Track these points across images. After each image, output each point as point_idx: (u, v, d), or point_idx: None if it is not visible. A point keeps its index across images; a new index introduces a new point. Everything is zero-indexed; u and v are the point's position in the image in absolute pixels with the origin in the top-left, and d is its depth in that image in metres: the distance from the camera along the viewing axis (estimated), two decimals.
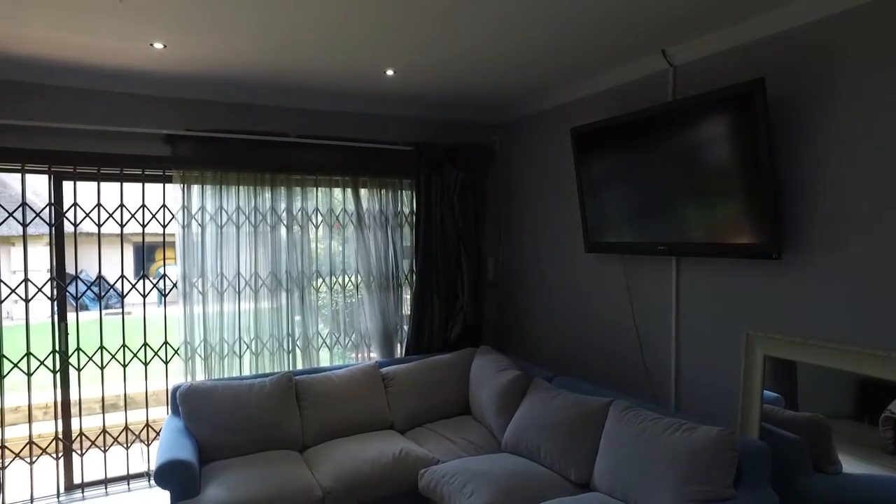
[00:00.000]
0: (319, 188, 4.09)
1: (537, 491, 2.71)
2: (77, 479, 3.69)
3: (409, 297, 4.39)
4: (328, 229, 4.13)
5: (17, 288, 3.45)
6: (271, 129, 3.89)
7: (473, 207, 4.48)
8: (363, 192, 4.19)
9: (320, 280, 4.12)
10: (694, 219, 2.94)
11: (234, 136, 3.75)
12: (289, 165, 3.91)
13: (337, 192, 4.16)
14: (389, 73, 3.51)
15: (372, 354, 4.29)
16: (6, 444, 3.37)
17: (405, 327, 4.38)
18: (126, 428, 3.79)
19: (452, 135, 4.46)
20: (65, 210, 3.57)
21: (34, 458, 3.53)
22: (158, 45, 2.98)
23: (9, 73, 3.32)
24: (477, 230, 4.52)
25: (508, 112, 4.50)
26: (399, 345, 4.36)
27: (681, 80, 3.14)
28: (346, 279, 4.23)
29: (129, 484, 3.76)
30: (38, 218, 3.56)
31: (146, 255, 3.87)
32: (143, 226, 3.72)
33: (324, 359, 4.13)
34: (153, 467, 2.88)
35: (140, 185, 3.70)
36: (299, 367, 3.97)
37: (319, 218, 4.09)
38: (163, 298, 3.81)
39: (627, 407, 2.83)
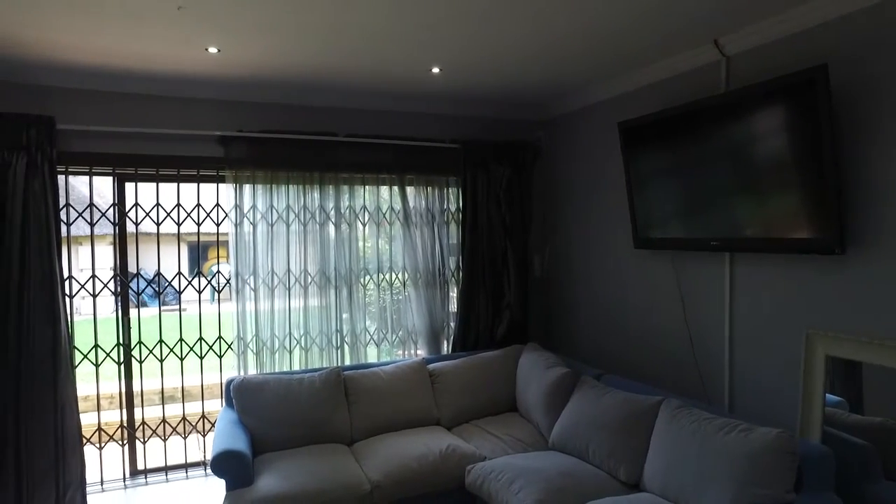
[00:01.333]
0: (367, 186, 4.15)
1: (586, 490, 2.67)
2: (140, 466, 3.88)
3: (455, 294, 4.41)
4: (375, 227, 4.18)
5: (85, 284, 3.63)
6: (320, 128, 3.97)
7: (519, 204, 4.46)
8: (410, 189, 4.23)
9: (368, 277, 4.18)
10: (748, 213, 2.83)
11: (283, 137, 3.85)
12: (337, 164, 3.99)
13: (384, 189, 4.21)
14: (435, 70, 3.52)
15: (419, 351, 4.32)
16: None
17: (452, 324, 4.40)
18: (184, 418, 3.95)
19: (497, 132, 4.44)
20: (127, 210, 3.74)
21: (103, 444, 3.74)
22: (213, 50, 3.09)
23: (77, 83, 3.51)
24: (523, 227, 4.49)
25: (553, 108, 4.45)
26: (446, 342, 4.38)
27: (734, 71, 3.04)
28: (394, 276, 4.27)
29: (187, 472, 3.91)
30: (102, 218, 3.73)
31: (191, 258, 4.01)
32: (199, 224, 3.86)
33: (371, 355, 4.19)
34: (209, 457, 2.98)
35: (195, 185, 3.84)
36: (347, 362, 4.05)
37: (367, 216, 4.15)
38: (217, 295, 3.95)
39: (679, 406, 2.76)
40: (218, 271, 3.92)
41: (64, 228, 3.53)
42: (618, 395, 3.06)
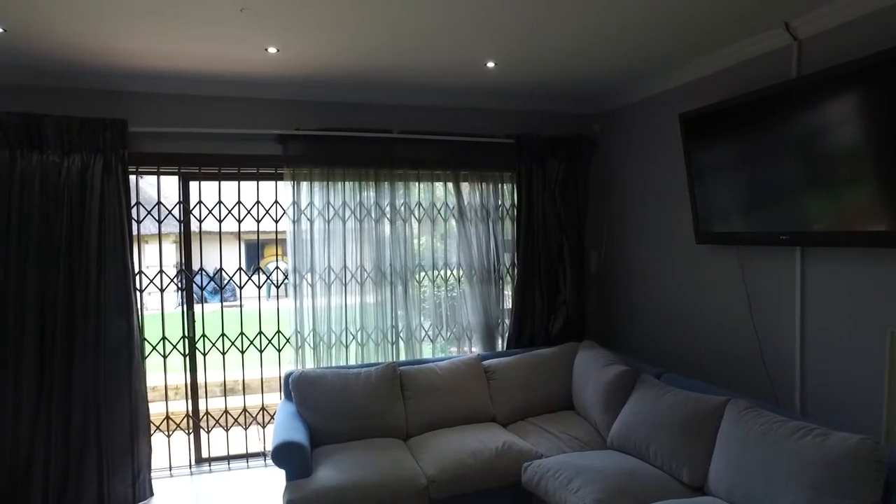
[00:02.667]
0: (421, 183, 4.17)
1: (648, 491, 2.60)
2: (205, 454, 4.02)
3: (510, 290, 4.37)
4: (430, 223, 4.19)
5: (153, 279, 3.79)
6: (375, 125, 4.02)
7: (575, 199, 4.38)
8: (464, 185, 4.22)
9: (423, 273, 4.20)
10: (821, 206, 2.68)
11: (339, 134, 3.90)
12: (392, 161, 4.02)
13: (438, 186, 4.22)
14: (490, 65, 3.50)
15: (473, 348, 4.31)
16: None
17: (506, 321, 4.36)
18: (244, 410, 4.07)
19: (552, 126, 4.38)
20: (191, 207, 3.88)
21: (170, 432, 3.90)
22: (272, 50, 3.16)
23: (146, 87, 3.68)
24: (579, 222, 4.41)
25: (610, 101, 4.34)
26: (500, 338, 4.35)
27: (806, 56, 2.88)
28: (448, 273, 4.27)
29: (247, 461, 4.03)
30: (165, 218, 3.87)
31: (252, 252, 4.12)
32: (258, 221, 3.96)
33: (426, 351, 4.21)
34: (270, 447, 3.05)
35: (255, 183, 3.95)
36: (402, 358, 4.08)
37: (422, 212, 4.16)
38: (276, 290, 4.05)
39: (746, 407, 2.64)
40: (276, 267, 4.02)
41: (134, 226, 3.70)
42: (680, 395, 2.96)
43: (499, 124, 4.30)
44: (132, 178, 3.73)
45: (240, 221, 3.92)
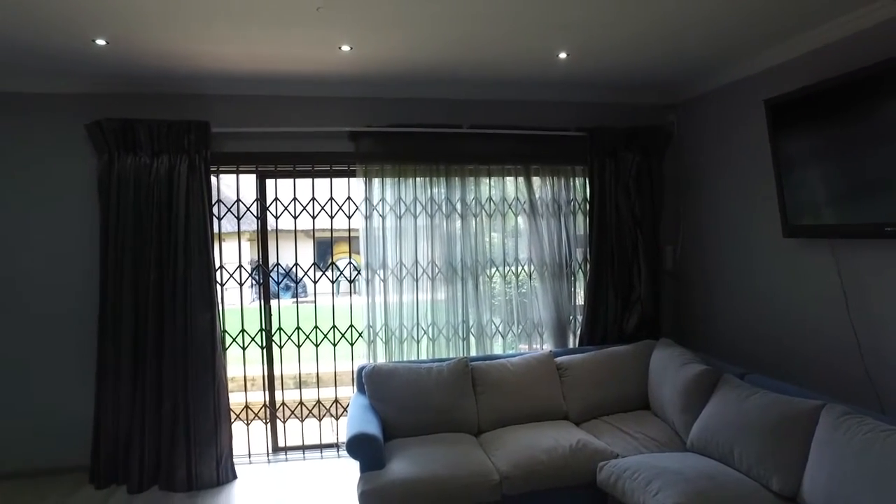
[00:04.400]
0: (492, 177, 4.14)
1: (732, 497, 2.48)
2: (281, 443, 4.16)
3: (582, 286, 4.27)
4: (501, 218, 4.15)
5: (233, 274, 3.96)
6: (445, 121, 4.03)
7: (650, 193, 4.23)
8: (535, 180, 4.16)
9: (493, 269, 4.17)
10: None
11: (410, 130, 3.94)
12: (462, 156, 4.02)
13: (509, 180, 4.17)
14: (562, 56, 3.42)
15: (544, 345, 4.24)
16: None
17: (579, 318, 4.27)
18: (318, 402, 4.18)
19: (626, 118, 4.24)
20: (267, 205, 4.02)
21: (249, 421, 4.05)
22: (346, 48, 3.22)
23: (226, 89, 3.85)
24: (654, 216, 4.26)
25: (686, 90, 4.16)
26: (572, 335, 4.26)
27: None
28: (519, 268, 4.22)
29: (321, 451, 4.14)
30: (236, 216, 4.01)
31: (326, 248, 4.22)
32: (332, 217, 4.05)
33: (496, 347, 4.18)
34: (344, 439, 3.11)
35: (328, 180, 4.04)
36: (473, 353, 4.06)
37: (492, 207, 4.13)
38: (349, 286, 4.12)
39: (845, 413, 2.46)
40: (350, 263, 4.10)
41: (215, 223, 3.87)
42: (767, 397, 2.80)
43: (571, 117, 4.21)
44: (213, 177, 3.90)
45: (314, 218, 4.02)
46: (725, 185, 3.88)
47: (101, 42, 3.04)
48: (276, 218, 4.02)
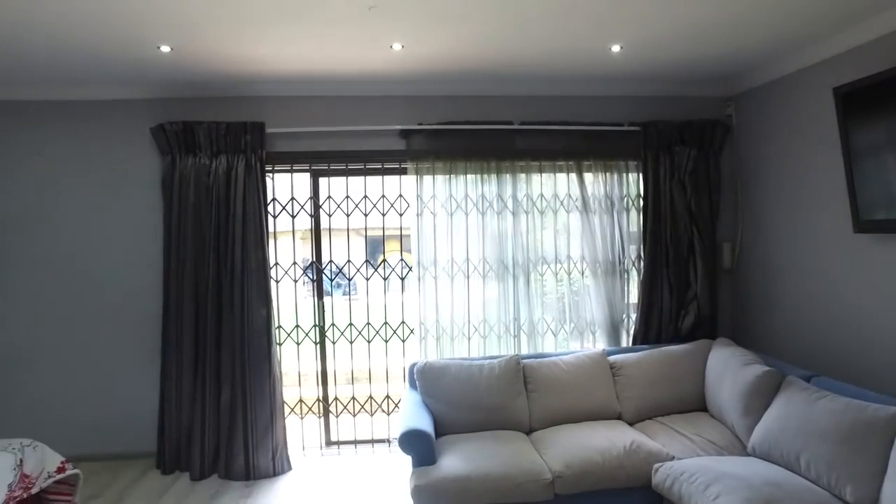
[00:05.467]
0: (543, 174, 4.10)
1: None
2: (334, 437, 4.25)
3: (636, 284, 4.18)
4: (553, 215, 4.11)
5: (288, 270, 4.06)
6: (495, 117, 4.01)
7: (707, 188, 4.11)
8: (587, 176, 4.10)
9: (545, 266, 4.12)
10: None
11: (461, 127, 3.94)
12: (513, 152, 4.00)
13: (561, 176, 4.11)
14: (615, 49, 3.36)
15: (597, 343, 4.17)
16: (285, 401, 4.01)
17: (632, 316, 4.18)
18: (370, 398, 4.24)
19: (681, 111, 4.13)
20: (321, 203, 4.10)
21: (303, 415, 4.16)
22: (397, 46, 3.24)
23: (281, 90, 3.94)
24: (711, 212, 4.13)
25: (745, 81, 4.00)
26: (625, 334, 4.18)
27: None
28: (571, 265, 4.16)
29: (373, 446, 4.20)
30: (291, 214, 4.09)
31: (377, 246, 4.27)
32: (384, 215, 4.10)
33: (548, 345, 4.13)
34: (396, 434, 3.15)
35: (380, 178, 4.09)
36: (524, 351, 4.04)
37: (544, 204, 4.09)
38: (400, 283, 4.16)
39: None
40: (401, 260, 4.14)
41: (270, 221, 3.98)
42: (838, 401, 2.67)
43: (624, 112, 4.13)
44: (268, 176, 4.01)
45: (366, 215, 4.07)
46: (788, 179, 3.72)
47: (165, 49, 3.17)
48: (330, 216, 4.09)
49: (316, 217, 4.13)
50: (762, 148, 3.95)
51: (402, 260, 4.14)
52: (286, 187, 4.07)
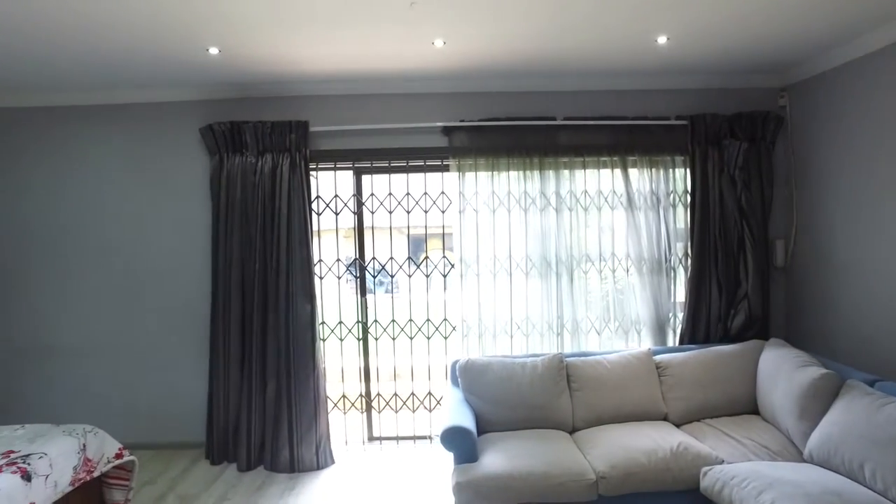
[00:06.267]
0: (587, 169, 4.03)
1: None
2: (376, 433, 4.29)
3: (683, 282, 4.07)
4: (597, 211, 4.03)
5: (331, 267, 4.11)
6: (538, 113, 3.98)
7: (759, 183, 3.96)
8: (632, 171, 4.01)
9: (589, 264, 4.05)
10: None
11: (503, 123, 3.92)
12: (556, 148, 3.95)
13: (605, 172, 4.03)
14: (661, 40, 3.27)
15: (642, 342, 4.07)
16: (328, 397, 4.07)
17: (679, 315, 4.08)
18: (412, 394, 4.26)
19: (730, 103, 4.00)
20: (364, 200, 4.14)
21: (346, 411, 4.21)
22: (439, 43, 3.24)
23: (324, 90, 4.01)
24: (763, 209, 3.98)
25: (800, 69, 3.83)
26: (672, 333, 4.08)
27: None
28: (616, 263, 4.08)
29: (414, 443, 4.22)
30: (333, 215, 4.14)
31: (419, 243, 4.29)
32: (426, 211, 4.11)
33: (592, 344, 4.06)
34: (438, 431, 3.15)
35: (422, 175, 4.10)
36: (567, 349, 3.98)
37: (587, 200, 4.02)
38: (443, 280, 4.16)
39: None
40: (444, 257, 4.14)
41: (314, 218, 4.04)
42: None
43: (669, 104, 4.03)
44: (312, 174, 4.07)
45: (408, 212, 4.09)
46: (850, 172, 3.54)
47: (214, 51, 3.25)
48: (373, 213, 4.13)
49: (359, 214, 4.17)
50: (821, 139, 3.77)
51: (444, 257, 4.14)
52: (330, 185, 4.13)
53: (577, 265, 4.00)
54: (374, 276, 4.23)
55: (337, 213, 4.11)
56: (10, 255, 4.16)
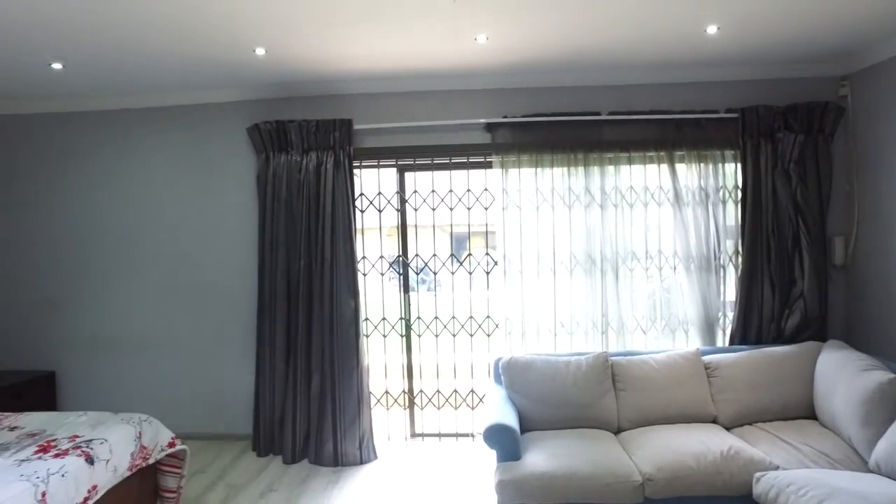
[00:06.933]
0: (633, 165, 3.94)
1: None
2: (418, 430, 4.31)
3: (733, 281, 3.93)
4: (643, 208, 3.94)
5: (375, 264, 4.15)
6: (582, 108, 3.91)
7: (816, 177, 3.80)
8: (680, 166, 3.90)
9: (635, 261, 3.96)
10: None
11: (546, 119, 3.87)
12: (601, 143, 3.88)
13: (651, 168, 3.93)
14: (711, 30, 3.16)
15: (689, 342, 3.96)
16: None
17: (729, 314, 3.95)
18: (455, 392, 4.26)
19: (785, 94, 3.84)
20: (407, 197, 4.16)
21: (389, 406, 4.25)
22: (481, 38, 3.22)
23: (364, 88, 4.05)
24: (820, 204, 3.81)
25: (865, 56, 3.64)
26: (721, 333, 3.95)
27: None
28: (663, 260, 3.97)
29: (457, 440, 4.22)
30: (378, 209, 4.17)
31: (462, 241, 4.28)
32: (469, 209, 4.10)
33: (637, 343, 3.98)
34: (481, 428, 3.13)
35: (465, 172, 4.09)
36: (612, 348, 3.91)
37: (633, 196, 3.94)
38: (486, 277, 4.15)
39: None
40: (487, 254, 4.12)
41: (358, 216, 4.08)
42: None
43: (719, 97, 3.90)
44: (356, 171, 4.11)
45: (451, 209, 4.09)
46: None
47: (260, 52, 3.33)
48: (416, 210, 4.14)
49: (402, 211, 4.20)
50: (885, 130, 3.57)
51: (487, 254, 4.12)
52: (373, 182, 4.17)
53: (622, 262, 3.92)
54: (418, 273, 4.25)
55: (380, 210, 4.15)
56: (82, 252, 4.38)
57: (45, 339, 4.42)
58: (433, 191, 4.10)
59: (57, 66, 3.49)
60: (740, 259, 3.88)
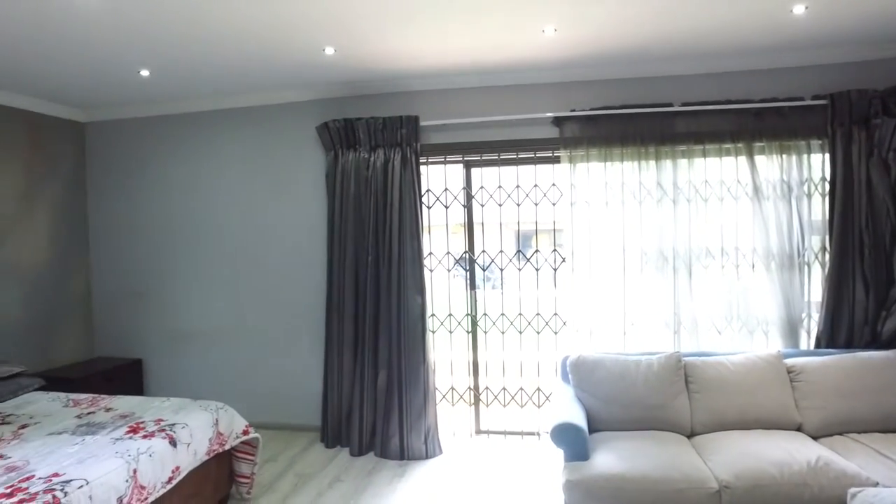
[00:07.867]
0: (708, 158, 3.76)
1: None
2: (483, 427, 4.30)
3: (819, 280, 3.68)
4: (719, 202, 3.76)
5: (441, 260, 4.17)
6: (653, 100, 3.78)
7: None
8: (759, 158, 3.68)
9: (709, 258, 3.79)
10: None
11: (615, 112, 3.76)
12: (673, 136, 3.73)
13: (728, 160, 3.74)
14: (797, 10, 2.97)
15: (770, 343, 3.74)
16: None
17: (814, 315, 3.70)
18: (521, 389, 4.21)
19: (881, 76, 3.56)
20: (473, 193, 4.15)
21: (454, 403, 4.26)
22: (549, 30, 3.17)
23: (431, 84, 4.08)
24: None
25: None
26: (805, 335, 3.71)
27: None
28: (740, 257, 3.78)
29: (522, 438, 4.18)
30: (444, 205, 4.18)
31: (528, 237, 4.23)
32: (536, 204, 4.05)
33: (712, 343, 3.80)
34: (546, 427, 3.08)
35: (533, 167, 4.04)
36: (684, 348, 3.75)
37: (708, 190, 3.76)
38: (553, 274, 4.08)
39: None
40: (554, 251, 4.05)
41: (425, 212, 4.11)
42: None
43: (804, 84, 3.66)
44: (422, 167, 4.14)
45: (518, 205, 4.05)
46: None
47: (329, 51, 3.41)
48: (482, 206, 4.13)
49: (469, 207, 4.19)
50: None
51: (555, 250, 4.05)
52: (440, 178, 4.19)
53: (696, 260, 3.75)
54: (484, 270, 4.23)
55: (447, 206, 4.16)
56: (165, 248, 4.65)
57: (134, 329, 4.73)
58: (500, 186, 4.08)
59: (145, 72, 3.71)
60: (827, 256, 3.63)
